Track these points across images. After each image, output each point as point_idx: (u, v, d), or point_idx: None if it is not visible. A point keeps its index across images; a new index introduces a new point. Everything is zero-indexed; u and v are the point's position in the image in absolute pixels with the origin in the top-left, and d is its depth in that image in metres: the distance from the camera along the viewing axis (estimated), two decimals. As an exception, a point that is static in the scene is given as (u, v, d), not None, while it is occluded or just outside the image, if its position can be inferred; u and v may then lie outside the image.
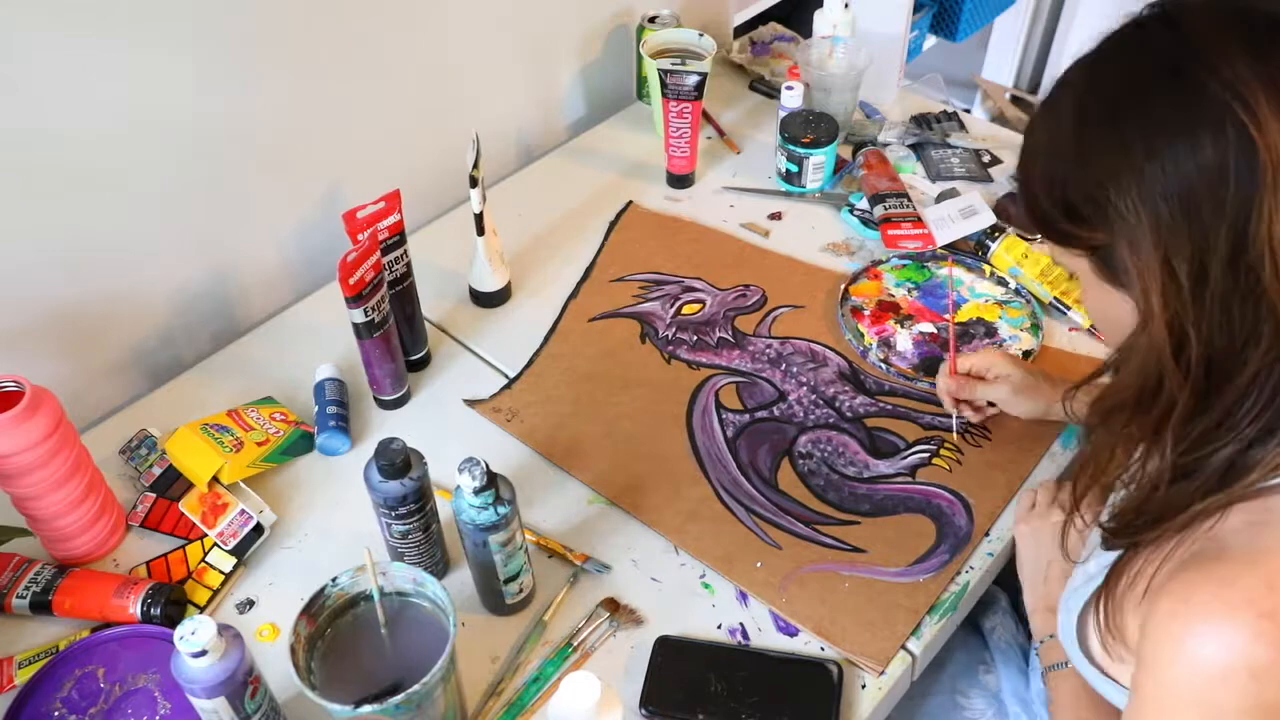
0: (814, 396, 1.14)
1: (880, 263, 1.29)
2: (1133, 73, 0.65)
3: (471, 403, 1.15)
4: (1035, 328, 1.20)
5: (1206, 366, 0.65)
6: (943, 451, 1.08)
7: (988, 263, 1.27)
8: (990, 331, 1.21)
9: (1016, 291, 1.24)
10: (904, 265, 1.29)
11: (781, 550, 0.99)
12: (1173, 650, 0.64)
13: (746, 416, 1.12)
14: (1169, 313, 0.64)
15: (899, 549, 0.99)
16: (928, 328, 1.22)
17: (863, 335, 1.20)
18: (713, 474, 1.06)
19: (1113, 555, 0.75)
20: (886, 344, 1.20)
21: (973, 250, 1.29)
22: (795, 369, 1.17)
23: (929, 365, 1.17)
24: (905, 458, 1.08)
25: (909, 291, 1.26)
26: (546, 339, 1.22)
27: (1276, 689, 0.61)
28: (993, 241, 1.27)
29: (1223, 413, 0.66)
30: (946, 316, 1.20)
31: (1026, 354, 1.17)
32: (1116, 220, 0.64)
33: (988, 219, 1.29)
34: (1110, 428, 0.74)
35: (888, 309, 1.24)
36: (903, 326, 1.22)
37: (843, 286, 1.25)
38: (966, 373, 1.07)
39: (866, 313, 1.23)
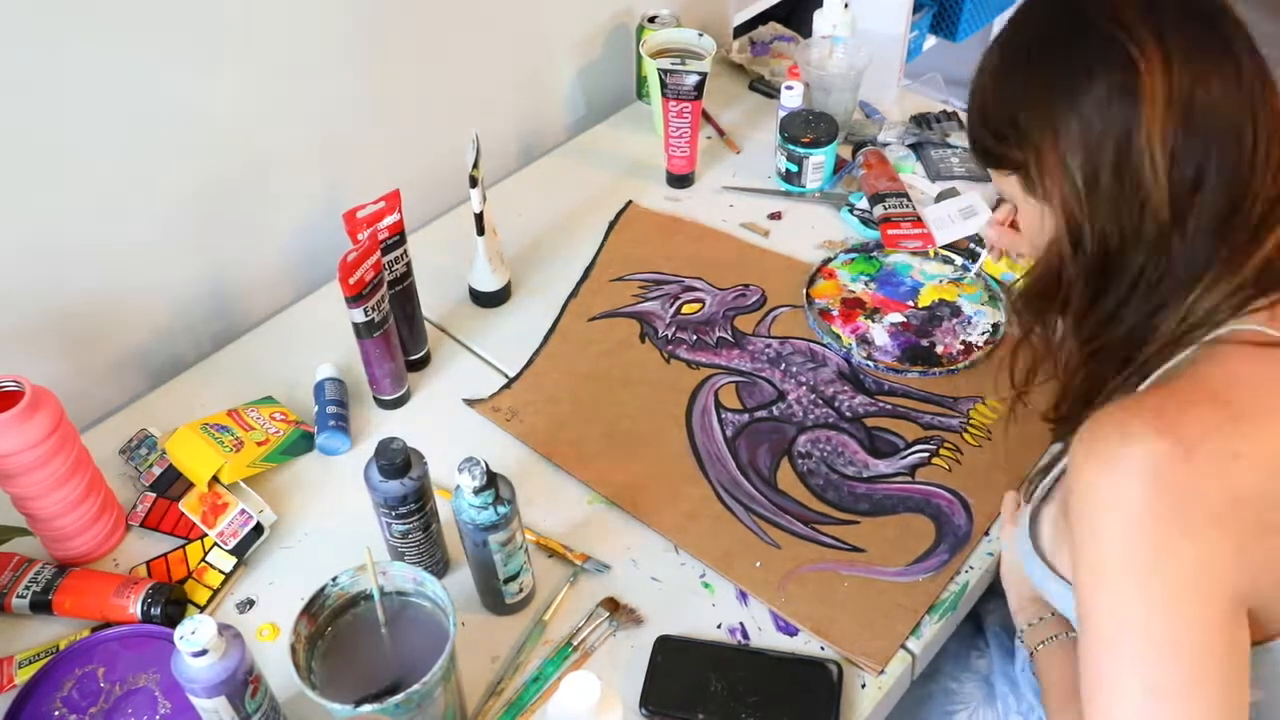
0: (813, 396, 1.14)
1: (829, 260, 1.29)
2: (1045, 14, 0.79)
3: (471, 402, 1.15)
4: (993, 299, 1.22)
5: (1102, 258, 0.76)
6: (942, 451, 1.08)
7: (980, 272, 1.27)
8: (955, 311, 1.22)
9: (964, 267, 1.25)
10: (852, 259, 1.30)
11: (781, 550, 0.99)
12: (1081, 460, 0.70)
13: (746, 416, 1.12)
14: (1067, 209, 0.76)
15: (898, 548, 0.99)
16: (897, 318, 1.22)
17: (839, 337, 1.20)
18: (712, 474, 1.06)
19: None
20: (865, 341, 1.20)
21: (967, 252, 1.29)
22: (795, 369, 1.17)
23: (912, 355, 1.17)
24: (905, 457, 1.08)
25: (866, 284, 1.26)
26: (546, 339, 1.22)
27: (1178, 477, 0.66)
28: (983, 249, 1.26)
29: (1117, 301, 0.77)
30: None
31: (995, 327, 1.19)
32: (1029, 135, 0.76)
33: (987, 218, 1.29)
34: (1029, 309, 0.85)
35: (853, 306, 1.24)
36: (874, 321, 1.22)
37: (804, 292, 1.25)
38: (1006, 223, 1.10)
39: (835, 313, 1.23)
